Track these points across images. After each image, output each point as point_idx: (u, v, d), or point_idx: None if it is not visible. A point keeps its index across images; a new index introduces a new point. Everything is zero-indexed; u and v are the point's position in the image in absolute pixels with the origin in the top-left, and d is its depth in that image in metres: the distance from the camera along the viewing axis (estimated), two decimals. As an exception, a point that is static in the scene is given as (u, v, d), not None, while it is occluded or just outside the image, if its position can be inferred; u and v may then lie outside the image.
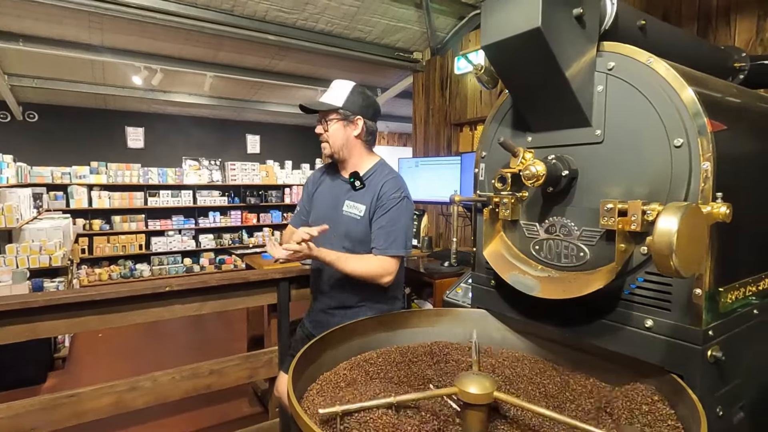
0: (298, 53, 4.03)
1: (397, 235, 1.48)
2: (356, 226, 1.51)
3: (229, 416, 2.66)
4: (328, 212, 1.57)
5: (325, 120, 1.52)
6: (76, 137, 6.14)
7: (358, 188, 1.54)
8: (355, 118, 1.53)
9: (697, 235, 0.64)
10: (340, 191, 1.59)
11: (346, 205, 1.55)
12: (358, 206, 1.53)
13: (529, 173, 0.88)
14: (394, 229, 1.47)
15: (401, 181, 1.57)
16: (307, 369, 0.96)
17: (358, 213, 1.52)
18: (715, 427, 0.79)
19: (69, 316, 1.60)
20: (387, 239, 1.47)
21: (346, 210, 1.54)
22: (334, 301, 1.58)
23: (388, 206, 1.49)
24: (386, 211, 1.49)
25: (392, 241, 1.47)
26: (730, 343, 0.82)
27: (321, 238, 1.42)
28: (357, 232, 1.50)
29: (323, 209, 1.61)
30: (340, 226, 1.52)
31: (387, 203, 1.49)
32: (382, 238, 1.47)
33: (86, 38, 3.75)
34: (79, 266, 5.81)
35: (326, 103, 1.51)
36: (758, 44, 1.75)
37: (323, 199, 1.63)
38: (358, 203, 1.53)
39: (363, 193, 1.54)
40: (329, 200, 1.60)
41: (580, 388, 0.91)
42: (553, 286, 0.94)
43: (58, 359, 3.44)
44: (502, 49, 0.89)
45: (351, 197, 1.55)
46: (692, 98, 0.78)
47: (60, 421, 1.59)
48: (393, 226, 1.48)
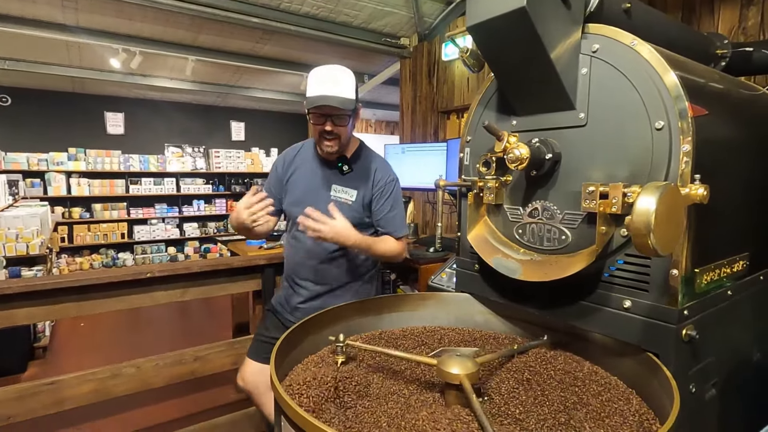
0: (282, 37, 3.94)
1: (402, 217, 1.60)
2: (347, 211, 1.49)
3: (215, 402, 2.65)
4: (312, 196, 1.54)
5: (340, 116, 1.44)
6: (52, 122, 5.94)
7: (346, 172, 1.54)
8: (359, 106, 1.51)
9: (675, 215, 0.65)
10: (325, 176, 1.57)
11: (334, 189, 1.54)
12: (348, 191, 1.54)
13: (513, 156, 0.88)
14: (398, 213, 1.58)
15: (387, 163, 1.63)
16: (290, 354, 0.96)
17: (350, 198, 1.54)
18: (688, 403, 0.82)
19: (47, 303, 1.56)
20: (396, 223, 1.57)
21: (334, 195, 1.54)
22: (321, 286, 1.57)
23: (387, 191, 1.55)
24: (387, 197, 1.55)
25: (401, 224, 1.58)
26: (704, 322, 0.84)
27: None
28: (348, 217, 1.46)
29: (306, 193, 1.57)
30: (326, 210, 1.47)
31: (385, 189, 1.55)
32: (395, 223, 1.56)
33: (60, 18, 3.61)
34: (59, 255, 5.68)
35: (349, 100, 1.42)
36: (741, 32, 1.78)
37: (304, 183, 1.59)
38: (348, 188, 1.54)
39: (351, 177, 1.54)
40: (312, 184, 1.57)
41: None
42: (534, 269, 0.95)
43: (38, 348, 3.38)
44: (488, 29, 0.88)
45: (338, 182, 1.55)
46: (674, 81, 0.78)
47: (38, 410, 1.56)
48: (396, 209, 1.57)
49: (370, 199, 1.54)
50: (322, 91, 1.39)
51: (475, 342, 1.09)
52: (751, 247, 1.01)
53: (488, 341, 1.09)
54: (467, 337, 1.12)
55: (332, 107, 1.40)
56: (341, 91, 1.41)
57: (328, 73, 1.43)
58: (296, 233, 1.58)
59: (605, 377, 0.88)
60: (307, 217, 1.34)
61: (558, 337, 1.01)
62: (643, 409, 0.77)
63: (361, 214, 1.54)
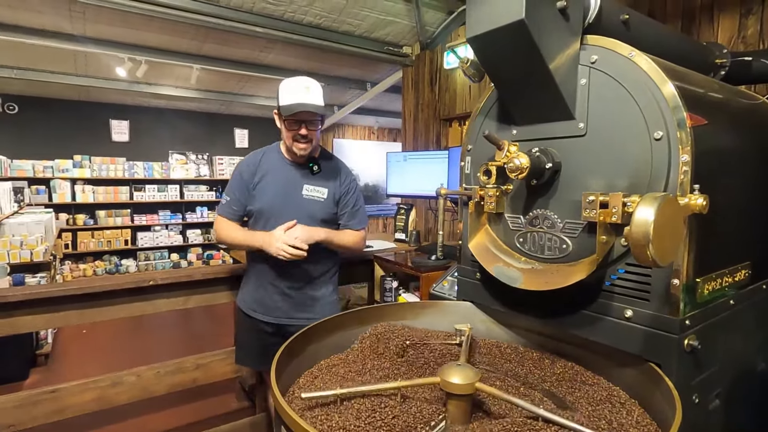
0: (286, 46, 3.99)
1: (363, 212, 1.78)
2: (321, 208, 1.67)
3: (216, 411, 2.64)
4: (286, 197, 1.66)
5: (313, 122, 1.60)
6: (58, 130, 6.00)
7: (316, 172, 1.69)
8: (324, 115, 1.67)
9: (674, 226, 0.65)
10: (296, 177, 1.68)
11: (306, 188, 1.67)
12: (320, 189, 1.69)
13: (513, 166, 0.89)
14: (359, 208, 1.76)
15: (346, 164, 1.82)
16: (291, 363, 0.96)
17: (321, 196, 1.68)
18: (691, 414, 0.81)
19: (49, 311, 1.57)
20: (358, 216, 1.75)
21: (306, 194, 1.67)
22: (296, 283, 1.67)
23: (352, 189, 1.75)
24: (352, 194, 1.74)
25: (362, 218, 1.77)
26: (706, 332, 0.84)
27: (283, 219, 1.59)
28: (321, 213, 1.66)
29: (278, 195, 1.66)
30: (302, 209, 1.65)
31: (350, 187, 1.75)
32: (356, 218, 1.75)
33: (68, 28, 3.66)
34: (62, 262, 5.70)
35: (322, 106, 1.59)
36: (740, 41, 1.78)
37: (276, 185, 1.68)
38: (319, 186, 1.69)
39: (321, 176, 1.70)
40: (283, 185, 1.67)
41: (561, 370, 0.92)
42: (536, 277, 0.95)
43: (40, 356, 3.38)
44: (487, 41, 0.89)
45: (310, 181, 1.68)
46: (672, 92, 0.79)
47: (40, 418, 1.57)
48: (359, 205, 1.76)
49: (339, 196, 1.72)
50: (298, 99, 1.55)
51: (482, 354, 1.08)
52: (753, 257, 1.00)
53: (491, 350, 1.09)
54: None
55: (308, 113, 1.55)
56: (314, 99, 1.57)
57: (299, 83, 1.59)
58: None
59: (606, 387, 0.87)
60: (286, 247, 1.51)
61: (560, 346, 1.01)
62: (646, 420, 0.76)
63: (332, 209, 1.70)
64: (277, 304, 1.67)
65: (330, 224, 1.70)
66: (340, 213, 1.73)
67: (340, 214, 1.73)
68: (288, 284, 1.66)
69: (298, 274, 1.66)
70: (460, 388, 0.75)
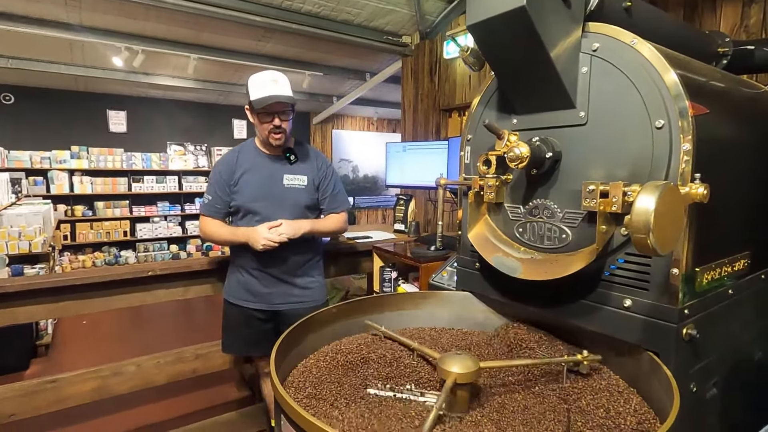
0: (284, 36, 3.94)
1: (343, 194, 1.86)
2: (302, 195, 1.74)
3: (217, 401, 2.66)
4: (267, 188, 1.71)
5: (285, 112, 1.66)
6: (55, 120, 5.96)
7: (294, 161, 1.75)
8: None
9: (674, 214, 0.64)
10: (274, 166, 1.74)
11: (287, 178, 1.73)
12: (299, 177, 1.75)
13: (513, 155, 0.88)
14: (339, 192, 1.84)
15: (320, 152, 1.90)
16: (290, 352, 0.96)
17: (302, 183, 1.75)
18: (689, 402, 0.82)
19: (48, 301, 1.57)
20: (337, 200, 1.82)
21: (287, 183, 1.73)
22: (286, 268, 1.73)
23: (329, 174, 1.81)
24: (329, 178, 1.81)
25: (342, 200, 1.85)
26: (705, 321, 0.84)
27: (269, 210, 1.67)
28: (305, 199, 1.74)
29: (260, 187, 1.72)
30: (286, 198, 1.72)
31: (327, 172, 1.81)
32: (337, 201, 1.82)
33: (64, 17, 3.61)
34: (61, 253, 5.70)
35: (292, 96, 1.65)
36: (742, 30, 1.77)
37: (256, 178, 1.73)
38: (298, 175, 1.75)
39: (299, 165, 1.76)
40: (264, 178, 1.73)
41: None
42: (535, 267, 0.94)
43: (40, 346, 3.40)
44: (488, 28, 0.87)
45: (289, 171, 1.74)
46: (674, 80, 0.78)
47: (41, 408, 1.58)
48: (338, 189, 1.83)
49: (319, 182, 1.79)
50: (268, 92, 1.60)
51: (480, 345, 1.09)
52: (752, 246, 1.00)
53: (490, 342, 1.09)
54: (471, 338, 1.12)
55: (281, 104, 1.62)
56: (283, 90, 1.63)
57: (267, 77, 1.65)
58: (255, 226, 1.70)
59: (605, 376, 0.88)
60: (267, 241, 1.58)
61: (559, 336, 1.01)
62: (643, 409, 0.76)
63: (313, 195, 1.77)
64: (268, 290, 1.73)
65: (314, 210, 1.81)
66: (321, 198, 1.80)
67: (321, 199, 1.80)
68: (276, 271, 1.73)
69: (286, 261, 1.72)
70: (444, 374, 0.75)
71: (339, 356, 0.97)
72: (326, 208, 1.81)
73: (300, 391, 0.85)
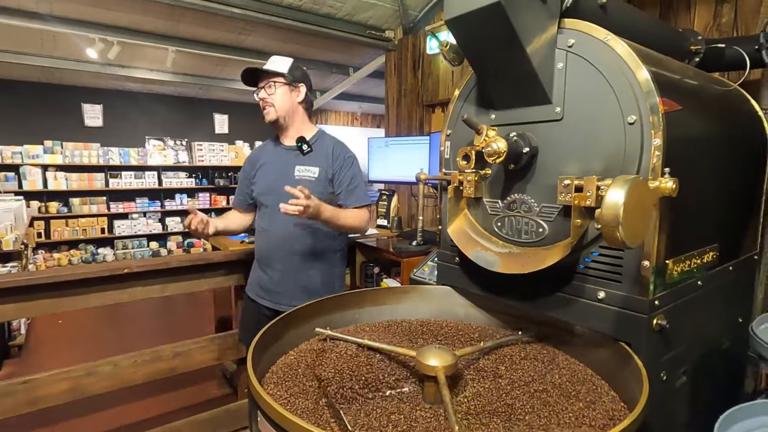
0: (265, 28, 3.87)
1: (362, 189, 1.70)
2: (312, 187, 1.58)
3: (198, 399, 2.63)
4: (279, 180, 1.62)
5: (271, 85, 1.62)
6: (26, 114, 5.74)
7: (306, 152, 1.65)
8: (299, 85, 1.67)
9: (644, 208, 0.66)
10: (287, 158, 1.68)
11: (297, 169, 1.65)
12: (310, 169, 1.65)
13: (491, 150, 0.89)
14: (357, 186, 1.68)
15: (344, 144, 1.75)
16: (269, 348, 0.95)
17: (312, 175, 1.64)
18: (659, 390, 0.84)
19: (19, 300, 1.52)
20: (356, 194, 1.67)
21: (298, 174, 1.64)
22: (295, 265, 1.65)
23: (346, 165, 1.67)
24: (347, 170, 1.67)
25: (361, 195, 1.68)
26: (675, 312, 0.86)
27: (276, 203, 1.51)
28: (313, 193, 1.56)
29: (272, 179, 1.68)
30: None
31: (344, 164, 1.67)
32: (354, 196, 1.67)
33: (32, 6, 3.48)
34: (35, 251, 5.52)
35: (274, 70, 1.63)
36: (715, 29, 1.81)
37: (270, 170, 1.71)
38: (310, 166, 1.65)
39: (312, 156, 1.66)
40: (277, 169, 1.68)
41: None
42: (512, 261, 0.96)
43: (13, 347, 3.29)
44: (465, 23, 0.87)
45: (301, 162, 1.66)
46: (646, 77, 0.79)
47: (12, 409, 1.53)
48: (355, 182, 1.68)
49: (332, 174, 1.66)
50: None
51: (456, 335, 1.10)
52: (720, 239, 1.03)
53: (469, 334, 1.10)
54: (449, 330, 1.13)
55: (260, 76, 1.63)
56: (270, 66, 1.63)
57: (272, 57, 1.67)
58: (269, 218, 1.68)
59: (579, 370, 0.90)
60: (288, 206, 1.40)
61: (535, 329, 1.03)
62: (616, 404, 0.78)
63: (324, 188, 1.64)
64: (276, 289, 1.67)
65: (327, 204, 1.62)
66: (337, 192, 1.67)
67: (337, 194, 1.67)
68: (285, 269, 1.66)
69: (294, 259, 1.65)
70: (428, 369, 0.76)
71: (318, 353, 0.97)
72: (343, 204, 1.67)
73: (278, 387, 0.84)
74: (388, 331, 1.10)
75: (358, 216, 1.66)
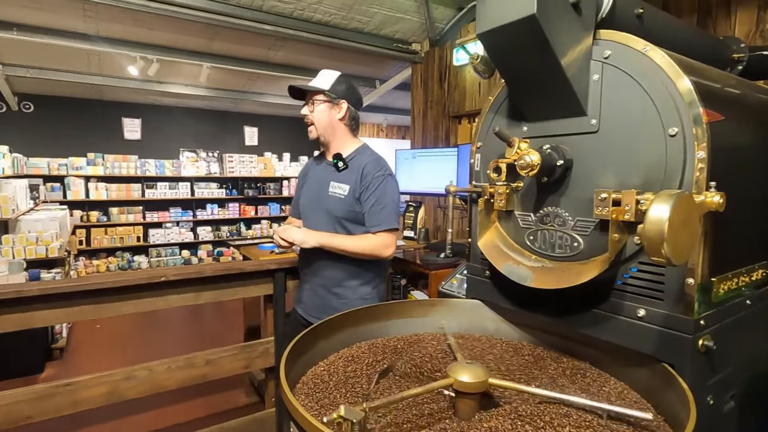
0: (295, 44, 3.99)
1: (387, 211, 1.58)
2: (339, 205, 1.60)
3: (226, 406, 2.67)
4: (315, 195, 1.68)
5: (312, 102, 1.62)
6: (72, 128, 6.11)
7: (341, 169, 1.63)
8: (339, 101, 1.63)
9: (689, 224, 0.63)
10: (326, 174, 1.69)
11: (331, 185, 1.64)
12: (342, 186, 1.62)
13: (524, 163, 0.87)
14: (382, 207, 1.57)
15: (383, 161, 1.67)
16: (299, 359, 0.96)
17: (342, 192, 1.61)
18: (705, 415, 0.80)
19: (64, 306, 1.59)
20: (378, 217, 1.57)
21: (331, 191, 1.64)
22: (325, 280, 1.65)
23: (374, 185, 1.58)
24: (373, 190, 1.58)
25: (383, 218, 1.57)
26: (721, 332, 0.82)
27: (309, 217, 1.62)
28: (339, 210, 1.59)
29: (311, 193, 1.72)
30: (324, 206, 1.63)
31: (372, 182, 1.58)
32: (376, 218, 1.57)
33: (81, 27, 3.71)
34: (76, 258, 5.81)
35: (313, 86, 1.63)
36: (758, 36, 1.74)
37: (311, 184, 1.74)
38: (342, 183, 1.62)
39: (346, 173, 1.64)
40: (316, 184, 1.71)
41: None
42: (546, 276, 0.93)
43: (55, 350, 3.45)
44: (498, 36, 0.87)
45: (335, 178, 1.65)
46: (688, 87, 0.77)
47: (55, 410, 1.60)
48: (381, 203, 1.57)
49: (360, 192, 1.59)
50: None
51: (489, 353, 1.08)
52: (770, 256, 0.98)
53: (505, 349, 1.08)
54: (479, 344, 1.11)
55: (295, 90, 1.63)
56: (315, 82, 1.62)
57: (320, 72, 1.66)
58: None
59: (619, 388, 0.86)
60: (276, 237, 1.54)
61: (570, 345, 1.00)
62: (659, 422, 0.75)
63: (352, 206, 1.60)
64: (311, 302, 1.69)
65: (353, 223, 1.61)
66: (363, 212, 1.60)
67: (363, 213, 1.60)
68: (315, 281, 1.67)
69: (323, 272, 1.65)
70: (473, 386, 0.75)
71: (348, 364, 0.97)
72: (366, 225, 1.60)
73: (309, 398, 0.85)
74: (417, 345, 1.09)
75: (372, 241, 1.56)
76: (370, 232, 1.58)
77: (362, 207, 1.59)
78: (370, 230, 1.58)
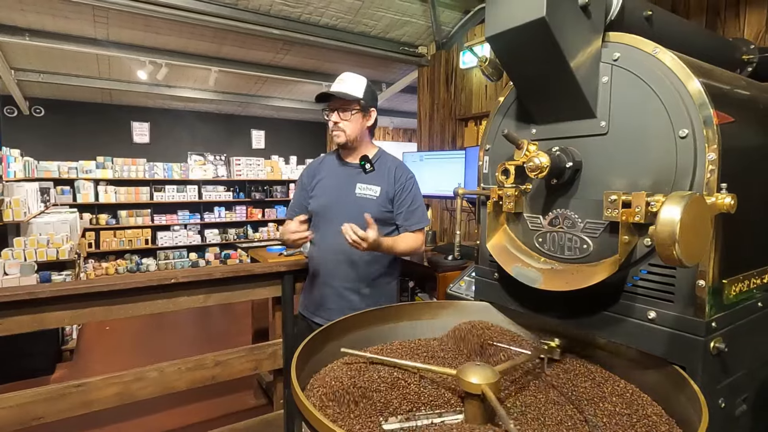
0: (302, 47, 4.03)
1: (422, 211, 1.72)
2: (372, 206, 1.63)
3: (234, 408, 2.68)
4: (340, 196, 1.68)
5: (345, 109, 1.62)
6: (82, 132, 6.19)
7: (369, 171, 1.68)
8: (371, 110, 1.68)
9: (701, 225, 0.63)
10: (349, 176, 1.70)
11: (359, 187, 1.67)
12: (372, 188, 1.66)
13: (533, 165, 0.88)
14: (418, 207, 1.70)
15: (404, 163, 1.77)
16: (310, 360, 0.97)
17: (373, 194, 1.66)
18: (717, 418, 0.79)
19: (75, 307, 1.61)
20: (416, 216, 1.69)
21: (359, 192, 1.66)
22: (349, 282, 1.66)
23: (408, 188, 1.69)
24: (408, 191, 1.68)
25: (420, 217, 1.70)
26: (733, 335, 0.81)
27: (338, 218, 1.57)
28: (374, 211, 1.60)
29: (333, 194, 1.70)
30: (356, 207, 1.62)
31: (406, 185, 1.68)
32: (413, 217, 1.68)
33: (91, 32, 3.77)
34: (86, 260, 5.87)
35: (351, 94, 1.61)
36: (767, 37, 1.73)
37: (331, 185, 1.72)
38: (371, 185, 1.67)
39: (374, 175, 1.68)
40: (338, 185, 1.70)
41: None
42: (555, 278, 0.94)
43: (66, 351, 3.49)
44: (507, 39, 0.88)
45: (363, 180, 1.68)
46: (698, 89, 0.77)
47: (66, 411, 1.61)
48: (416, 204, 1.70)
49: (393, 194, 1.67)
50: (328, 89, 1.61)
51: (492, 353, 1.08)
52: (782, 258, 0.97)
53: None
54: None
55: (329, 96, 1.59)
56: (342, 87, 1.60)
57: (340, 76, 1.65)
58: (324, 233, 1.68)
59: (628, 390, 0.86)
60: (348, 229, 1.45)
61: (579, 347, 0.99)
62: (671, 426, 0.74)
63: (385, 208, 1.66)
64: (329, 305, 1.67)
65: (384, 224, 1.65)
66: (396, 212, 1.68)
67: (397, 214, 1.68)
68: (340, 285, 1.66)
69: (350, 275, 1.65)
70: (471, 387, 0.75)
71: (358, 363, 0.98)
72: (402, 224, 1.68)
73: (319, 399, 0.85)
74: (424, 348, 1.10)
75: (415, 240, 1.68)
76: (409, 231, 1.67)
77: (396, 208, 1.68)
78: (408, 229, 1.67)
